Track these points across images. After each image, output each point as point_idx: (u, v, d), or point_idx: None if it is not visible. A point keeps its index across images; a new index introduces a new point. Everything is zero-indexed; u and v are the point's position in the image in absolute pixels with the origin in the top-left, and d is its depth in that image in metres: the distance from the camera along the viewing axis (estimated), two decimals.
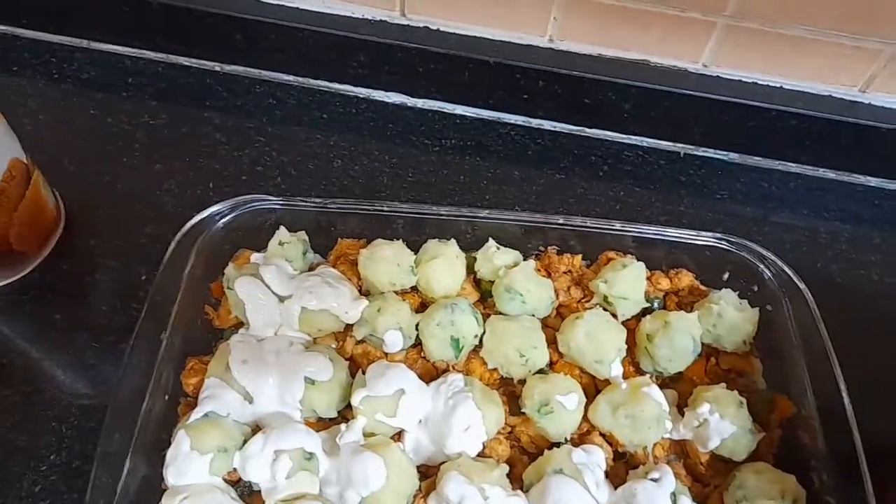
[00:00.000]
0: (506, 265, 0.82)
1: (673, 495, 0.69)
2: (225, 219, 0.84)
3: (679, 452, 0.76)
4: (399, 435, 0.74)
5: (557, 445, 0.73)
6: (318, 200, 0.86)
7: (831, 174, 1.08)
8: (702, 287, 0.85)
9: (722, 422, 0.72)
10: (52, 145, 1.00)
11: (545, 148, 1.08)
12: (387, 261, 0.81)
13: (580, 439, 0.76)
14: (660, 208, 1.02)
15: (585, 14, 0.98)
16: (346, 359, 0.79)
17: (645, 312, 0.82)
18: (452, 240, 0.84)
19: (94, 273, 0.89)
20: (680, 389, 0.80)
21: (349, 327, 0.80)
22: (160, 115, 1.06)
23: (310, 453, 0.70)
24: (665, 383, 0.80)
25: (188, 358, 0.78)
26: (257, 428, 0.73)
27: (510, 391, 0.79)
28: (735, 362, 0.81)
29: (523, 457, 0.75)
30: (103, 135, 1.03)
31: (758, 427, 0.74)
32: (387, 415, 0.71)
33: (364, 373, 0.74)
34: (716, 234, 0.85)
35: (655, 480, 0.69)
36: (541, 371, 0.78)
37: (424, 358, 0.80)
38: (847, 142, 1.02)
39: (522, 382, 0.77)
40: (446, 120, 1.10)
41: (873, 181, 1.08)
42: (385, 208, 0.85)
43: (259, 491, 0.70)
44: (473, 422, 0.72)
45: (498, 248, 0.84)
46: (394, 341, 0.78)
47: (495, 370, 0.79)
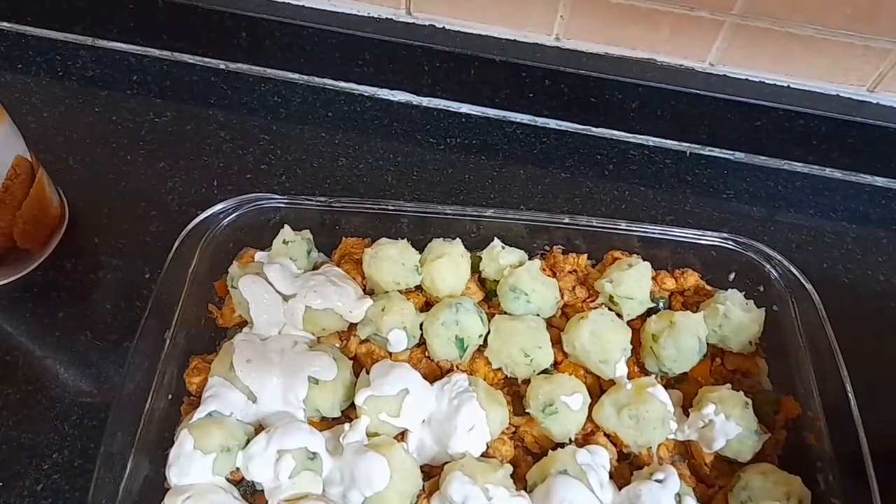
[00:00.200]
0: (511, 264, 0.82)
1: (677, 496, 0.69)
2: (229, 217, 0.84)
3: (684, 453, 0.76)
4: (403, 435, 0.74)
5: (562, 446, 0.73)
6: (323, 199, 0.86)
7: (838, 174, 1.08)
8: (707, 287, 0.85)
9: (727, 422, 0.72)
10: (57, 143, 1.00)
11: (551, 147, 1.08)
12: (391, 260, 0.80)
13: (584, 440, 0.75)
14: (665, 208, 1.02)
15: (592, 12, 0.97)
16: (350, 358, 0.79)
17: (650, 312, 0.82)
18: (457, 239, 0.84)
19: (98, 271, 0.89)
20: (685, 390, 0.79)
21: (353, 326, 0.80)
22: (165, 113, 1.06)
23: (313, 453, 0.69)
24: (670, 384, 0.80)
25: (192, 357, 0.78)
26: (261, 427, 0.73)
27: (514, 391, 0.79)
28: (741, 363, 0.81)
29: (527, 457, 0.75)
30: (107, 133, 1.03)
31: (763, 428, 0.74)
32: (390, 414, 0.71)
33: (368, 372, 0.74)
34: (722, 234, 0.85)
35: (660, 481, 0.69)
36: (545, 371, 0.78)
37: (428, 357, 0.80)
38: (854, 142, 1.02)
39: (527, 382, 0.77)
40: (452, 118, 1.10)
41: (880, 181, 1.07)
42: (390, 207, 0.85)
43: (262, 491, 0.70)
44: (477, 422, 0.71)
45: (503, 248, 0.84)
46: (398, 341, 0.77)
47: (499, 370, 0.79)
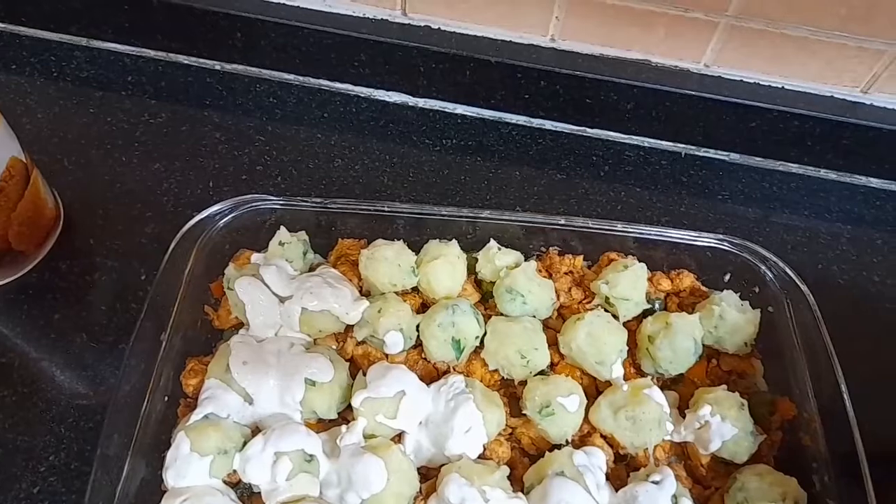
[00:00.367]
0: (507, 266, 0.82)
1: (674, 497, 0.69)
2: (225, 219, 0.84)
3: (680, 454, 0.76)
4: (399, 436, 0.74)
5: (558, 447, 0.73)
6: (319, 200, 0.86)
7: (833, 175, 1.08)
8: (703, 288, 0.85)
9: (723, 424, 0.72)
10: (51, 144, 1.00)
11: (546, 148, 1.08)
12: (387, 261, 0.80)
13: (581, 441, 0.75)
14: (661, 209, 1.02)
15: (588, 14, 0.98)
16: (347, 360, 0.79)
17: (646, 314, 0.82)
18: (454, 240, 0.84)
19: (94, 273, 0.89)
20: (681, 391, 0.80)
21: (350, 328, 0.80)
22: (160, 114, 1.06)
23: (310, 455, 0.69)
24: (666, 385, 0.80)
25: (188, 359, 0.78)
26: (257, 429, 0.73)
27: (511, 392, 0.79)
28: (736, 364, 0.81)
29: (524, 458, 0.75)
30: (102, 133, 1.02)
31: (759, 429, 0.74)
32: (387, 416, 0.71)
33: (365, 374, 0.74)
34: (717, 235, 0.85)
35: (656, 483, 0.69)
36: (542, 372, 0.78)
37: (425, 359, 0.80)
38: (849, 143, 1.02)
39: (523, 384, 0.77)
40: (447, 119, 1.10)
41: (875, 182, 1.08)
42: (386, 208, 0.85)
43: (259, 493, 0.70)
44: (474, 423, 0.71)
45: (499, 249, 0.84)
46: (394, 342, 0.77)
47: (496, 371, 0.79)
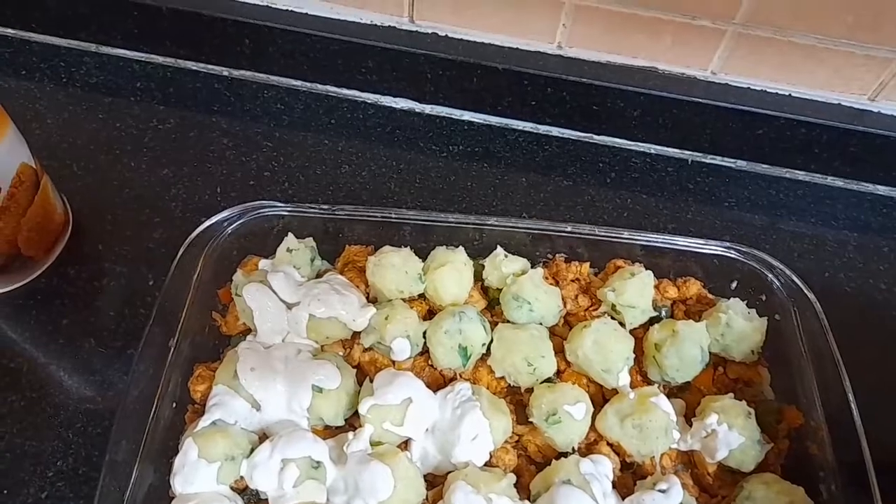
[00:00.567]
0: (514, 273, 0.82)
1: None
2: (233, 225, 0.84)
3: (687, 463, 0.76)
4: (406, 443, 0.74)
5: (565, 455, 0.73)
6: (326, 207, 0.86)
7: (840, 182, 1.08)
8: (710, 296, 0.85)
9: (730, 432, 0.72)
10: (61, 150, 1.00)
11: (553, 154, 1.08)
12: (395, 268, 0.81)
13: (588, 449, 0.75)
14: (667, 216, 1.02)
15: (594, 21, 0.98)
16: (354, 366, 0.79)
17: (653, 321, 0.82)
18: (460, 247, 0.84)
19: (102, 278, 0.89)
20: (688, 399, 0.79)
21: (357, 335, 0.80)
22: (168, 120, 1.06)
23: (317, 462, 0.70)
24: (673, 393, 0.80)
25: (196, 365, 0.78)
26: (265, 436, 0.73)
27: (517, 400, 0.79)
28: (743, 372, 0.81)
29: (530, 466, 0.75)
30: (111, 139, 1.03)
31: (766, 438, 0.74)
32: (394, 423, 0.71)
33: (371, 381, 0.75)
34: (724, 243, 0.85)
35: (663, 491, 0.69)
36: (548, 380, 0.78)
37: (432, 366, 0.80)
38: (856, 150, 1.02)
39: (530, 391, 0.77)
40: (454, 126, 1.10)
41: (882, 189, 1.07)
42: (393, 215, 0.85)
43: (266, 499, 0.70)
44: (481, 431, 0.72)
45: (506, 256, 0.84)
46: (401, 349, 0.78)
47: (503, 379, 0.79)
